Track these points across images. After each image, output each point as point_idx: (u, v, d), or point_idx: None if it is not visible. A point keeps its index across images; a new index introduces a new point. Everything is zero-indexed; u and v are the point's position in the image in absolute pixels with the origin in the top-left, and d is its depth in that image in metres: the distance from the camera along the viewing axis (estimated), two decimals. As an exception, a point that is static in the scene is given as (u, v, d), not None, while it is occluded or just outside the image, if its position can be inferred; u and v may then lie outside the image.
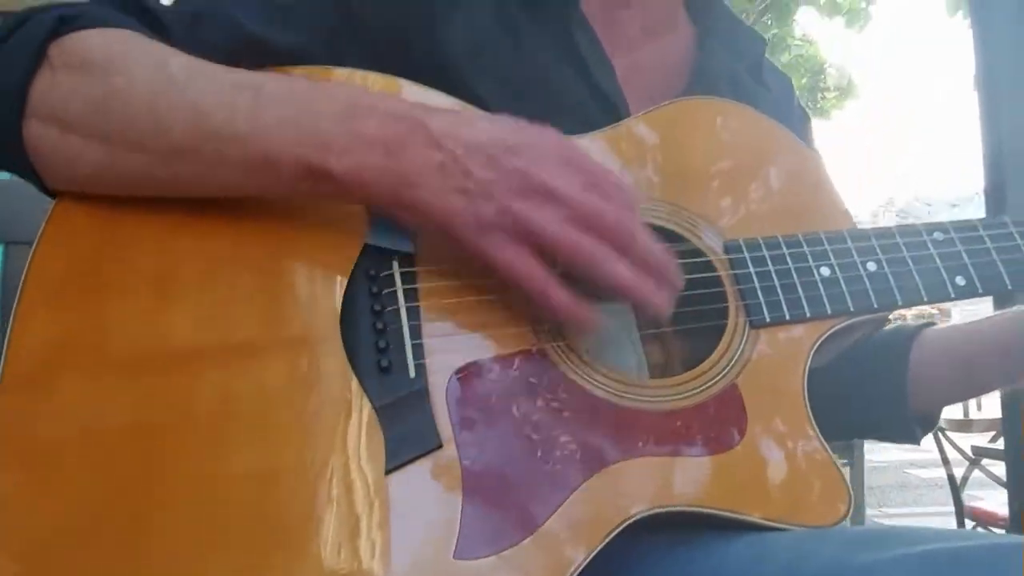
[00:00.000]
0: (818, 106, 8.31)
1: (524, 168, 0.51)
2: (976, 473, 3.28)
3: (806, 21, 7.64)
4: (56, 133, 0.55)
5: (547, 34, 0.71)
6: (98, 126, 0.55)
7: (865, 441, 3.38)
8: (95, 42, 0.56)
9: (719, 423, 0.54)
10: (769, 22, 6.91)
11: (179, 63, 0.55)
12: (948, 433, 3.47)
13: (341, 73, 0.63)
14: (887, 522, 5.90)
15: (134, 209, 0.56)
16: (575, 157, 0.53)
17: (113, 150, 0.55)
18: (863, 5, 7.13)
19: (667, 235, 0.61)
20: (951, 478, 3.27)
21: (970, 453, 3.26)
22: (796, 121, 0.85)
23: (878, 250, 0.61)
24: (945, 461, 3.37)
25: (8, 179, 0.64)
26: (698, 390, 0.55)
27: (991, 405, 4.17)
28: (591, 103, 0.69)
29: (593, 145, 0.64)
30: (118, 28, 0.58)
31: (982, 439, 3.39)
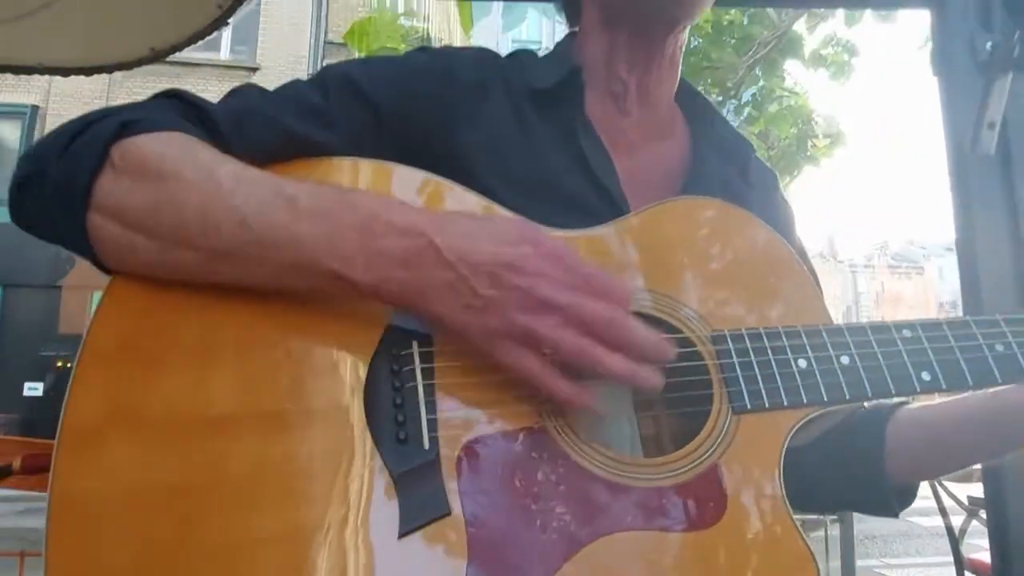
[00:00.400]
0: (808, 154, 8.47)
1: (524, 285, 0.58)
2: (977, 523, 3.28)
3: (794, 72, 7.84)
4: (115, 227, 0.62)
5: (556, 137, 0.79)
6: (152, 225, 0.61)
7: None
8: (152, 148, 0.63)
9: (702, 501, 0.60)
10: (758, 74, 7.09)
11: (226, 171, 0.62)
12: (946, 483, 3.47)
13: (366, 165, 0.71)
14: (890, 573, 5.87)
15: (180, 288, 0.63)
16: (569, 263, 0.60)
17: (164, 246, 0.62)
18: (846, 58, 7.34)
19: (660, 325, 0.67)
20: (949, 529, 3.26)
21: (967, 503, 3.26)
22: (781, 213, 0.93)
23: (851, 345, 0.67)
24: (943, 512, 3.37)
25: (6, 223, 0.71)
26: (684, 469, 0.61)
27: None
28: (595, 201, 0.76)
29: (594, 239, 0.71)
30: (173, 132, 0.65)
31: (980, 489, 3.39)
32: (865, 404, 0.71)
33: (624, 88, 0.84)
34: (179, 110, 0.69)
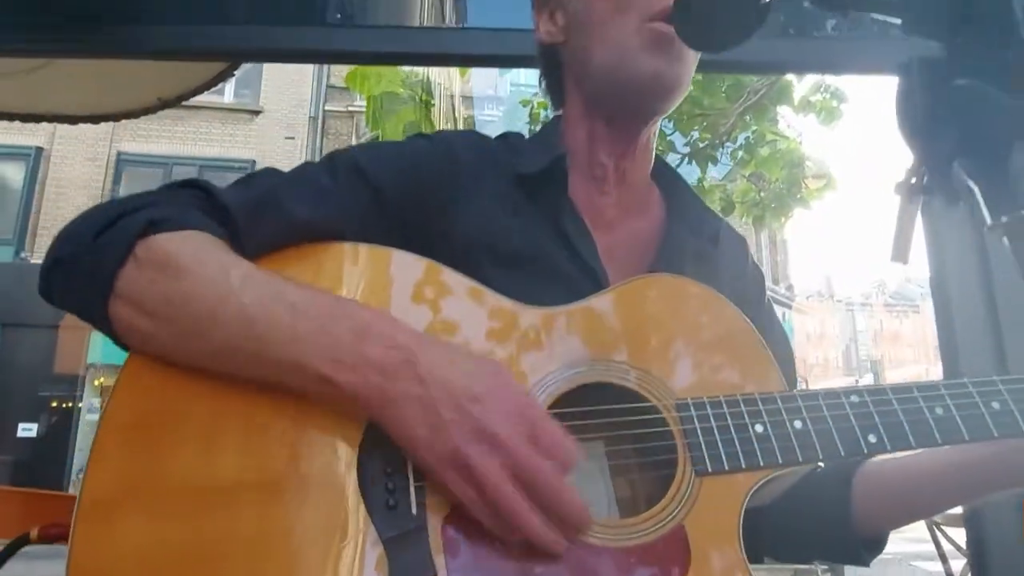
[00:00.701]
0: (799, 196, 8.61)
1: (481, 417, 0.63)
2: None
3: (786, 116, 8.00)
4: (134, 315, 0.69)
5: (542, 218, 0.86)
6: (167, 317, 0.68)
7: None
8: (173, 246, 0.70)
9: (668, 560, 0.65)
10: (749, 119, 7.24)
11: (237, 273, 0.69)
12: (944, 528, 3.47)
13: (373, 250, 0.78)
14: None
15: (188, 371, 0.68)
16: (528, 412, 0.65)
17: (176, 338, 0.68)
18: (835, 104, 7.52)
19: (627, 395, 0.73)
20: (948, 574, 3.25)
21: (967, 548, 3.25)
22: (750, 279, 0.99)
23: (804, 410, 0.73)
24: (943, 557, 3.35)
25: (7, 263, 0.78)
26: (652, 530, 0.66)
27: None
28: (578, 275, 0.83)
29: (572, 314, 0.77)
30: (194, 231, 0.72)
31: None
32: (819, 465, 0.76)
33: (604, 172, 0.91)
34: (200, 204, 0.76)
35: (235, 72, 3.79)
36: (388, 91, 7.97)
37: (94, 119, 3.92)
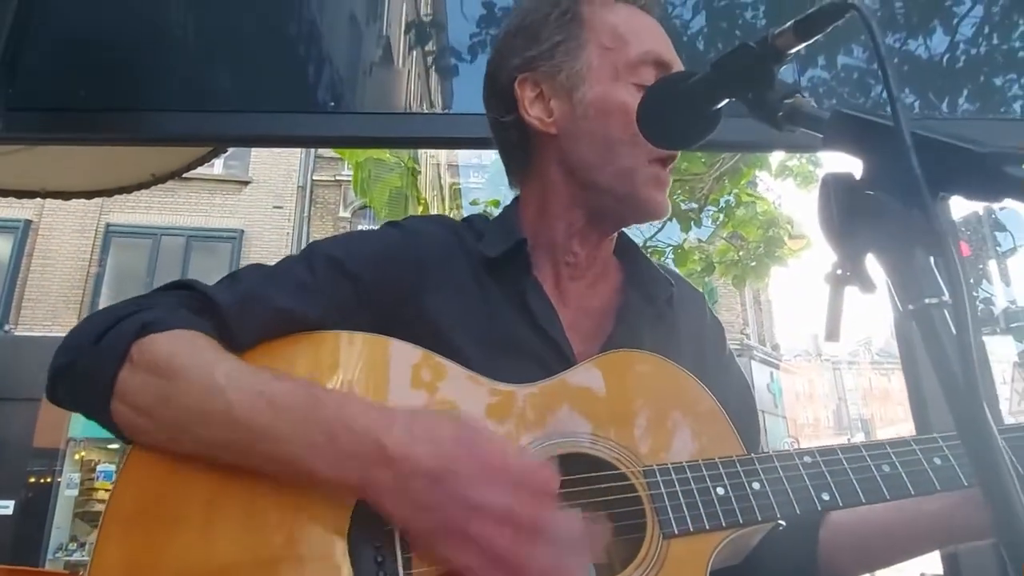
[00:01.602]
0: (777, 256, 8.79)
1: (458, 492, 0.67)
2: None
3: (764, 178, 8.26)
4: (131, 414, 0.75)
5: (509, 296, 0.93)
6: (159, 416, 0.75)
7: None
8: (163, 348, 0.76)
9: None
10: (726, 183, 7.48)
11: (222, 371, 0.75)
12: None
13: (354, 337, 0.84)
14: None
15: (187, 459, 0.74)
16: (499, 463, 0.69)
17: (170, 433, 0.75)
18: (811, 168, 7.81)
19: (599, 464, 0.79)
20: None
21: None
22: (709, 332, 1.06)
23: (761, 472, 0.79)
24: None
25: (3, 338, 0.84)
26: None
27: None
28: (544, 350, 0.89)
29: (544, 391, 0.83)
30: (184, 330, 0.78)
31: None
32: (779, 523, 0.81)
33: (576, 259, 0.98)
34: (191, 304, 0.83)
35: (227, 149, 3.91)
36: (375, 158, 8.16)
37: (88, 195, 4.00)
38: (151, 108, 1.76)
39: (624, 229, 1.05)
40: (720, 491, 0.77)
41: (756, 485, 0.78)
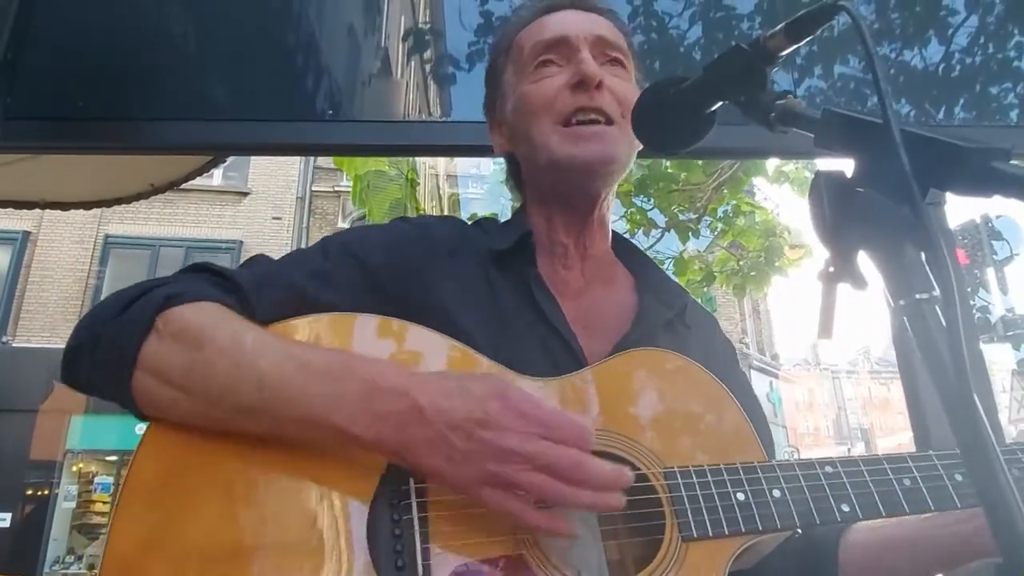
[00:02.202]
0: (777, 265, 8.80)
1: (493, 439, 0.69)
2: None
3: (763, 187, 8.28)
4: (156, 384, 0.75)
5: (515, 288, 0.94)
6: (187, 384, 0.74)
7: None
8: (190, 317, 0.76)
9: None
10: (725, 192, 7.49)
11: (251, 337, 0.76)
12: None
13: (368, 320, 0.84)
14: None
15: (206, 434, 0.74)
16: (532, 413, 0.71)
17: (196, 403, 0.74)
18: (807, 175, 7.83)
19: (620, 463, 0.78)
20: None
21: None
22: (722, 352, 1.06)
23: (782, 480, 0.78)
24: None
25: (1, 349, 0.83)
26: None
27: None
28: (550, 339, 0.90)
29: (564, 385, 0.83)
30: (209, 302, 0.78)
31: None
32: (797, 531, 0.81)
33: (565, 249, 1.01)
34: (212, 281, 0.83)
35: (225, 159, 3.92)
36: (375, 169, 8.18)
37: (87, 205, 4.01)
38: (150, 117, 1.76)
39: (625, 237, 1.09)
40: (740, 496, 0.77)
41: (776, 493, 0.77)
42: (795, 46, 0.59)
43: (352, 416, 0.71)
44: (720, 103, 0.69)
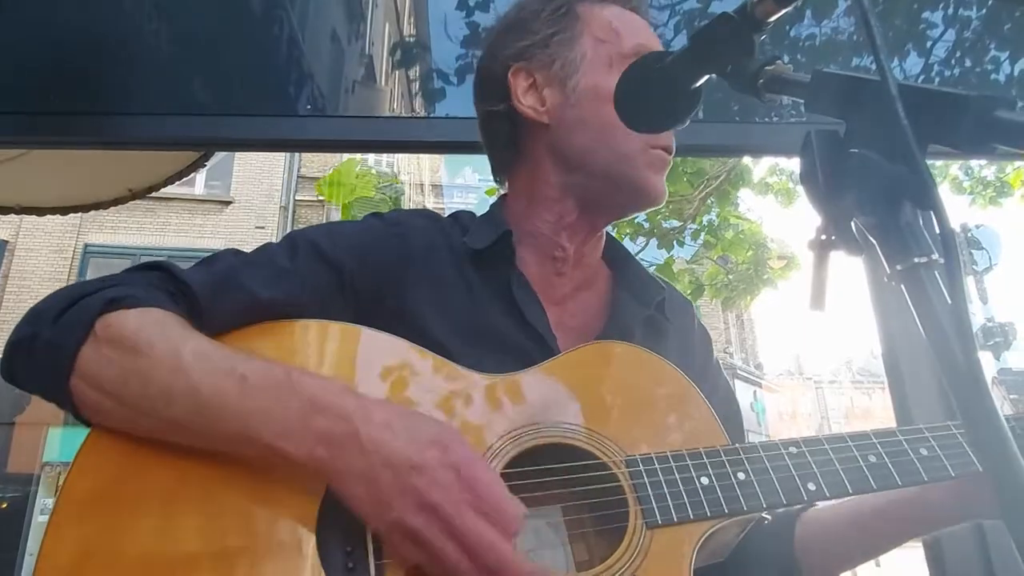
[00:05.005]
0: (764, 277, 8.85)
1: (421, 489, 0.64)
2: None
3: (748, 199, 8.36)
4: (92, 392, 0.71)
5: (492, 290, 0.90)
6: (122, 394, 0.70)
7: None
8: (131, 323, 0.72)
9: None
10: (711, 203, 7.52)
11: (189, 349, 0.71)
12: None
13: (330, 326, 0.81)
14: None
15: (149, 442, 0.70)
16: (469, 477, 0.66)
17: (131, 414, 0.70)
18: (791, 185, 7.90)
19: (581, 454, 0.75)
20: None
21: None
22: (698, 339, 1.04)
23: (746, 462, 0.76)
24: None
25: None
26: None
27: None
28: (529, 344, 0.86)
29: (526, 379, 0.80)
30: (152, 308, 0.74)
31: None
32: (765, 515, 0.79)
33: (564, 254, 0.96)
34: (162, 284, 0.79)
35: (205, 164, 3.86)
36: (361, 197, 8.15)
37: (62, 210, 3.93)
38: (125, 112, 1.73)
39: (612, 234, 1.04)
40: (705, 481, 0.74)
41: (741, 475, 0.75)
42: (784, 10, 0.57)
43: (285, 432, 0.67)
44: (706, 77, 0.67)
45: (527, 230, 0.95)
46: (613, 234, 1.04)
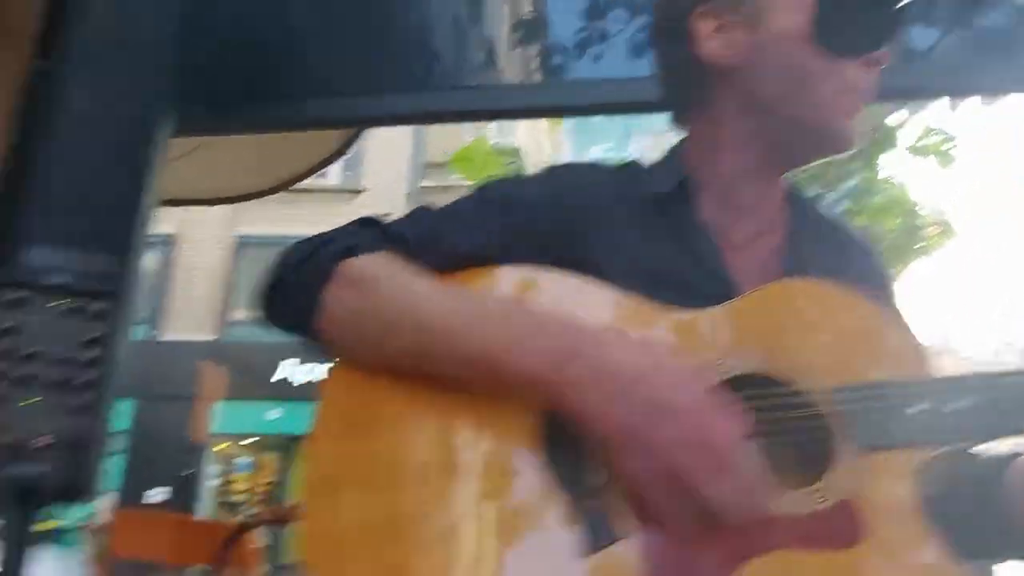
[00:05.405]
0: (916, 247, 8.22)
1: (648, 394, 0.69)
2: None
3: (893, 163, 7.75)
4: (336, 327, 0.82)
5: (673, 237, 0.91)
6: (360, 329, 0.81)
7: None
8: (365, 267, 0.83)
9: (838, 530, 0.69)
10: (854, 168, 7.07)
11: (417, 287, 0.81)
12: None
13: (525, 271, 0.87)
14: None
15: (384, 374, 0.80)
16: (687, 382, 0.70)
17: (370, 344, 0.81)
18: (946, 147, 7.27)
19: (783, 383, 0.77)
20: None
21: None
22: (882, 283, 1.00)
23: (958, 392, 0.73)
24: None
25: (140, 340, 0.93)
26: (819, 501, 0.70)
27: None
28: (710, 288, 0.86)
29: (719, 315, 0.82)
30: (383, 253, 0.85)
31: None
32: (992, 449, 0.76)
33: (745, 200, 0.95)
34: (383, 236, 0.89)
35: (346, 152, 4.08)
36: (490, 174, 8.30)
37: (213, 202, 4.31)
38: (297, 96, 1.88)
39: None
40: (917, 407, 0.73)
41: (954, 405, 0.73)
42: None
43: (509, 351, 0.73)
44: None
45: (708, 177, 0.95)
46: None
